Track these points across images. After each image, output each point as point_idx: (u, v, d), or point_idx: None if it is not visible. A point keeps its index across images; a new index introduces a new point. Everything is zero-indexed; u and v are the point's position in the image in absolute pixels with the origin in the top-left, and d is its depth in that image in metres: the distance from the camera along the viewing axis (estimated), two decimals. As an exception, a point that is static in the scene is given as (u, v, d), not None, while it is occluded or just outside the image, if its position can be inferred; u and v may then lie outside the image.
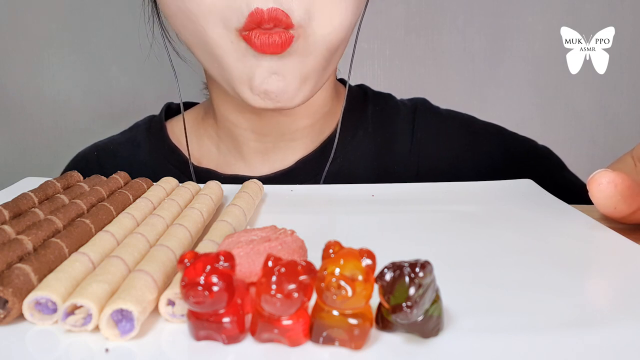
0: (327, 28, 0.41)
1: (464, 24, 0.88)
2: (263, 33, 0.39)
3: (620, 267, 0.27)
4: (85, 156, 0.56)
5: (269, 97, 0.42)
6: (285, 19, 0.39)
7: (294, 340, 0.20)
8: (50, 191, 0.34)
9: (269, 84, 0.41)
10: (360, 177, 0.50)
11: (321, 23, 0.41)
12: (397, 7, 0.87)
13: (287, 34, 0.40)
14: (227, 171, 0.52)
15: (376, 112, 0.54)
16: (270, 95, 0.41)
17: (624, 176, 0.31)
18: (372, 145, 0.52)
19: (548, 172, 0.52)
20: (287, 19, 0.39)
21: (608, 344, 0.20)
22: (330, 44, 0.42)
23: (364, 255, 0.20)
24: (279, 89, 0.41)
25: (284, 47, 0.40)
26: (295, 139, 0.51)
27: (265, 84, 0.41)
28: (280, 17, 0.39)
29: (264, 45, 0.40)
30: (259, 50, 0.40)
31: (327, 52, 0.43)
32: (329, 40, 0.42)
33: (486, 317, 0.22)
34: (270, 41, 0.39)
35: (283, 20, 0.39)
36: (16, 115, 0.88)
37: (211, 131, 0.53)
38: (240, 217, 0.31)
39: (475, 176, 0.45)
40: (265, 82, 0.41)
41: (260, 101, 0.42)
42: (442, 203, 0.37)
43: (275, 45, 0.40)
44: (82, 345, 0.20)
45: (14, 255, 0.24)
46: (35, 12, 0.85)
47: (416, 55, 0.89)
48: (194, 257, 0.20)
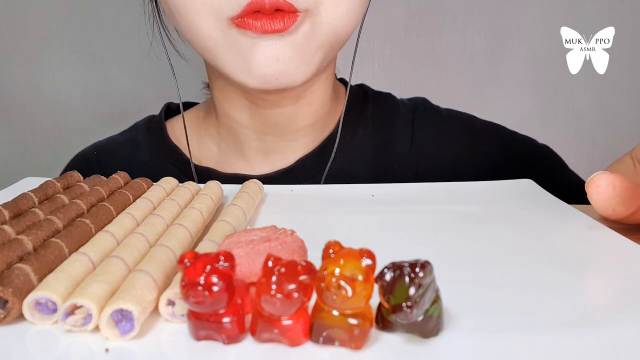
0: (334, 14, 0.42)
1: (464, 24, 0.88)
2: (265, 15, 0.39)
3: (620, 267, 0.27)
4: (85, 156, 0.56)
5: (267, 80, 0.41)
6: (288, 7, 0.39)
7: (294, 340, 0.20)
8: (50, 191, 0.34)
9: (268, 66, 0.41)
10: (360, 177, 0.50)
11: (329, 9, 0.41)
12: (397, 7, 0.87)
13: (292, 15, 0.40)
14: (228, 170, 0.52)
15: (376, 111, 0.54)
16: (268, 78, 0.41)
17: (622, 178, 0.31)
18: (371, 144, 0.52)
19: (548, 171, 0.52)
20: (289, 7, 0.39)
21: (608, 344, 0.20)
22: (335, 29, 0.42)
23: (364, 255, 0.20)
24: (278, 70, 0.41)
25: (288, 25, 0.40)
26: (295, 138, 0.51)
27: (264, 67, 0.41)
28: (282, 6, 0.39)
29: (265, 25, 0.39)
30: (260, 31, 0.40)
31: (331, 36, 0.43)
32: (335, 26, 0.42)
33: (486, 317, 0.22)
34: (272, 20, 0.39)
35: (285, 8, 0.39)
36: (16, 115, 0.88)
37: (212, 130, 0.53)
38: (240, 217, 0.31)
39: (475, 176, 0.45)
40: (263, 65, 0.41)
41: (259, 84, 0.42)
42: (442, 203, 0.37)
43: (278, 24, 0.39)
44: (82, 345, 0.20)
45: (14, 255, 0.24)
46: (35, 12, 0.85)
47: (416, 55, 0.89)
48: (194, 257, 0.20)
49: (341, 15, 0.42)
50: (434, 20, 0.88)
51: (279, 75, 0.41)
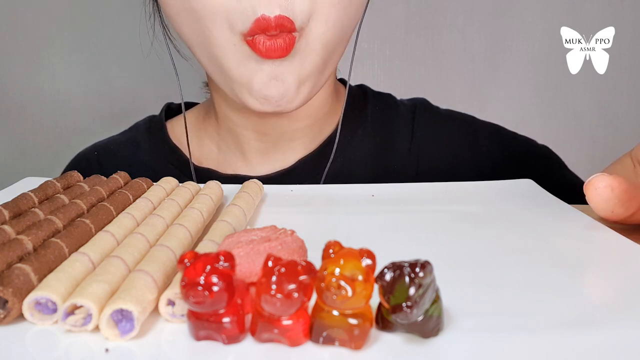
0: (322, 27, 0.42)
1: (464, 24, 0.88)
2: (268, 38, 0.40)
3: (620, 267, 0.27)
4: (85, 156, 0.56)
5: (268, 101, 0.42)
6: (290, 25, 0.40)
7: (294, 340, 0.20)
8: (50, 191, 0.34)
9: (268, 89, 0.41)
10: (360, 177, 0.50)
11: (317, 22, 0.41)
12: (397, 7, 0.87)
13: (290, 36, 0.40)
14: (228, 171, 0.52)
15: (376, 111, 0.54)
16: (269, 100, 0.42)
17: (621, 179, 0.31)
18: (371, 145, 0.52)
19: (548, 171, 0.52)
20: (291, 25, 0.40)
21: (608, 344, 0.20)
22: (326, 42, 0.42)
23: (364, 255, 0.20)
24: (279, 93, 0.42)
25: (288, 50, 0.40)
26: (295, 138, 0.51)
27: (265, 89, 0.41)
28: (286, 24, 0.40)
29: (269, 51, 0.40)
30: (264, 55, 0.40)
31: (324, 52, 0.43)
32: (325, 39, 0.42)
33: (486, 317, 0.22)
34: (275, 46, 0.40)
35: (288, 26, 0.40)
36: (16, 115, 0.88)
37: (212, 130, 0.53)
38: (240, 217, 0.31)
39: (475, 176, 0.45)
40: (265, 87, 0.41)
41: (260, 105, 0.42)
42: (442, 203, 0.37)
43: (280, 49, 0.40)
44: (82, 345, 0.20)
45: (14, 255, 0.24)
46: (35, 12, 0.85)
47: (416, 55, 0.89)
48: (194, 257, 0.20)
49: (329, 27, 0.42)
50: (434, 20, 0.88)
51: (279, 98, 0.42)
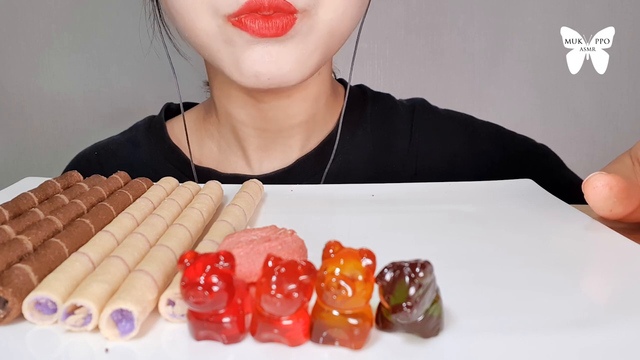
0: (331, 14, 0.41)
1: (464, 24, 0.88)
2: (263, 18, 0.39)
3: (620, 267, 0.27)
4: (85, 156, 0.56)
5: (259, 79, 0.41)
6: (288, 6, 0.39)
7: (294, 340, 0.20)
8: (50, 191, 0.34)
9: (260, 66, 0.41)
10: (359, 177, 0.50)
11: (326, 9, 0.41)
12: (398, 7, 0.87)
13: (290, 17, 0.39)
14: (228, 170, 0.52)
15: (375, 111, 0.54)
16: (260, 77, 0.41)
17: (619, 178, 0.31)
18: (370, 144, 0.52)
19: (547, 170, 0.52)
20: (288, 7, 0.39)
21: (608, 344, 0.20)
22: (332, 30, 0.42)
23: (364, 255, 0.20)
24: (271, 71, 0.41)
25: (285, 30, 0.39)
26: (292, 134, 0.51)
27: (256, 66, 0.41)
28: (282, 6, 0.39)
29: (263, 29, 0.39)
30: (257, 34, 0.39)
31: (328, 37, 0.42)
32: (332, 27, 0.42)
33: (486, 317, 0.22)
34: (270, 24, 0.39)
35: (284, 8, 0.39)
36: (16, 115, 0.88)
37: (212, 129, 0.53)
38: (240, 217, 0.31)
39: (474, 176, 0.45)
40: (256, 64, 0.41)
41: (252, 83, 0.42)
42: (442, 203, 0.37)
43: (275, 28, 0.39)
44: (82, 345, 0.20)
45: (14, 255, 0.24)
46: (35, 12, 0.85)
47: (416, 55, 0.89)
48: (194, 257, 0.20)
49: (338, 15, 0.42)
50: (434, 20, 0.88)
51: (271, 75, 0.41)
